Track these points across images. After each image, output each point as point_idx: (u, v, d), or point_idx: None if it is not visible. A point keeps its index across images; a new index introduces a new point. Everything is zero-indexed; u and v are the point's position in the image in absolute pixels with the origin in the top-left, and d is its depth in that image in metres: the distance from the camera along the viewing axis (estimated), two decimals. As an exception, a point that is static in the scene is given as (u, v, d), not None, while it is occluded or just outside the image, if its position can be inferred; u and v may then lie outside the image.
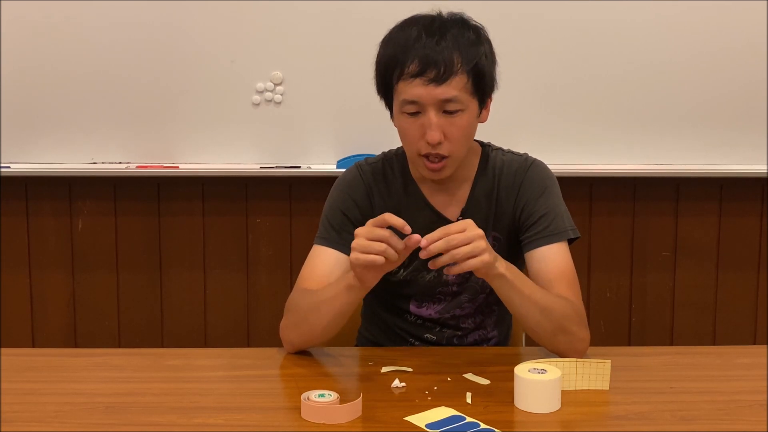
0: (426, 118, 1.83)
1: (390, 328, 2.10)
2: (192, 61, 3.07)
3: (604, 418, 1.62)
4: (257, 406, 1.66)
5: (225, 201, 3.23)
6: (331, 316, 1.83)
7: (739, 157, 3.13)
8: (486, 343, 2.10)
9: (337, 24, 3.05)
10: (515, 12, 3.02)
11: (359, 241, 1.71)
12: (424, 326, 2.06)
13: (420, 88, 1.81)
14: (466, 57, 1.82)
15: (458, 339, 2.07)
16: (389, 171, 2.01)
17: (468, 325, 2.06)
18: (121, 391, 1.72)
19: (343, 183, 2.02)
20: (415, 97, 1.82)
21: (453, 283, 2.02)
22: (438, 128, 1.83)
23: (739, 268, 3.29)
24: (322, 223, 1.99)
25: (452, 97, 1.82)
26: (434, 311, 2.05)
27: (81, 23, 3.04)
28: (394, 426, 1.57)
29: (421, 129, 1.84)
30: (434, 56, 1.80)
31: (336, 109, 3.11)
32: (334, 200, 2.00)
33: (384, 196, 1.99)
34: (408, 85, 1.82)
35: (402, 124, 1.89)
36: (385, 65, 1.87)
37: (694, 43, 3.06)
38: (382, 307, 2.11)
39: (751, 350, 2.01)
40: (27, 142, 3.11)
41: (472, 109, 1.86)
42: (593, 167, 3.12)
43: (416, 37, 1.82)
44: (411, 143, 1.88)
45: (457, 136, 1.85)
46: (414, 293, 2.04)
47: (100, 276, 3.27)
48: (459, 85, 1.82)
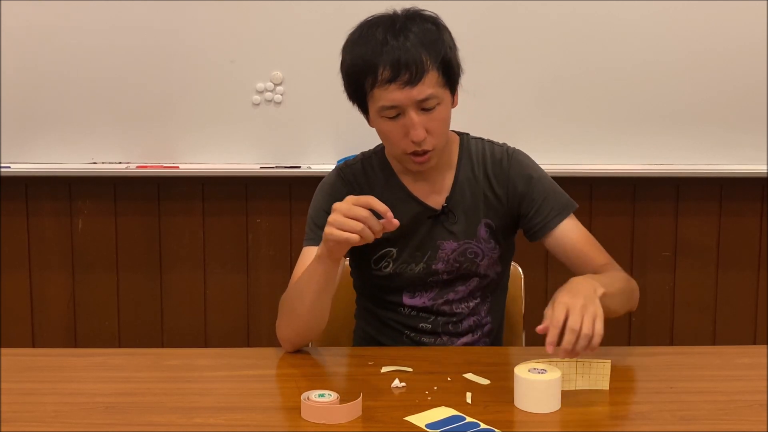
0: (407, 118, 1.88)
1: (384, 324, 2.11)
2: (192, 61, 3.07)
3: (604, 418, 1.62)
4: (257, 406, 1.66)
5: (225, 201, 3.23)
6: (312, 295, 1.85)
7: (739, 157, 3.13)
8: (480, 329, 2.11)
9: (338, 24, 3.02)
10: (515, 11, 3.02)
11: (336, 216, 1.74)
12: (418, 317, 2.08)
13: (397, 93, 1.85)
14: (433, 53, 1.86)
15: (453, 325, 2.08)
16: (369, 169, 2.06)
17: (462, 310, 2.08)
18: (121, 391, 1.72)
19: (325, 186, 2.06)
20: (394, 102, 1.87)
21: (443, 271, 2.04)
22: (420, 126, 1.88)
23: (739, 268, 3.29)
24: (308, 225, 2.04)
25: (428, 95, 1.87)
26: (428, 299, 2.07)
27: (81, 23, 3.03)
28: (394, 426, 1.57)
29: (404, 129, 1.89)
30: (404, 58, 1.84)
31: (336, 109, 3.09)
32: (317, 202, 2.05)
33: (365, 189, 2.02)
34: (384, 91, 1.86)
35: (383, 128, 1.93)
36: (356, 73, 1.90)
37: (695, 43, 3.06)
38: (375, 304, 2.12)
39: (751, 350, 2.01)
40: (27, 142, 3.11)
41: (446, 101, 1.92)
42: (593, 167, 3.12)
43: (382, 41, 1.86)
44: (395, 144, 1.93)
45: (438, 129, 1.91)
46: (405, 285, 2.06)
47: (100, 276, 3.27)
48: (432, 81, 1.87)
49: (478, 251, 2.04)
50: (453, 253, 2.03)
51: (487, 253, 2.04)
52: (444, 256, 2.03)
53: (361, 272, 2.11)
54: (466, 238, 2.03)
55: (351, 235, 1.72)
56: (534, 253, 3.18)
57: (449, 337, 2.08)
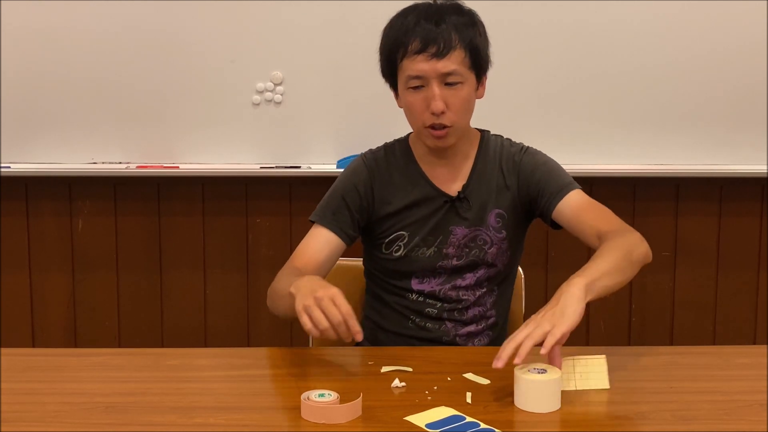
0: (429, 90, 1.97)
1: (391, 308, 2.15)
2: (192, 61, 3.07)
3: (604, 418, 1.62)
4: (257, 406, 1.66)
5: (225, 201, 3.23)
6: (285, 310, 1.90)
7: (739, 157, 3.13)
8: (485, 321, 2.14)
9: (337, 24, 3.05)
10: (516, 11, 3.02)
11: (315, 306, 1.71)
12: (425, 303, 2.13)
13: (423, 64, 1.96)
14: (463, 35, 1.98)
15: (458, 312, 2.12)
16: (391, 155, 2.14)
17: (468, 297, 2.12)
18: (121, 391, 1.72)
19: (348, 170, 2.14)
20: (419, 71, 1.96)
21: (453, 256, 2.10)
22: (441, 99, 1.97)
23: (739, 268, 3.29)
24: (323, 202, 2.12)
25: (452, 71, 1.96)
26: (436, 284, 2.12)
27: (81, 23, 3.03)
28: (394, 426, 1.57)
29: (426, 101, 1.98)
30: (434, 35, 1.96)
31: (336, 109, 3.11)
32: (338, 185, 2.13)
33: (385, 175, 2.11)
34: (412, 61, 1.97)
35: (408, 99, 2.01)
36: (389, 48, 2.01)
37: (695, 43, 3.06)
38: (382, 289, 2.17)
39: (751, 350, 2.01)
40: (27, 142, 3.11)
41: (470, 83, 2.01)
42: (593, 167, 3.12)
43: (416, 22, 1.98)
44: (417, 116, 2.01)
45: (458, 107, 1.99)
46: (415, 270, 2.12)
47: (100, 276, 3.27)
48: (458, 59, 1.97)
49: (487, 239, 2.09)
50: (464, 238, 2.09)
51: (495, 242, 2.10)
52: (455, 241, 2.09)
53: (371, 256, 2.17)
54: (476, 225, 2.09)
55: (311, 328, 1.70)
56: (534, 253, 3.19)
57: (454, 324, 2.12)
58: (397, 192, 2.10)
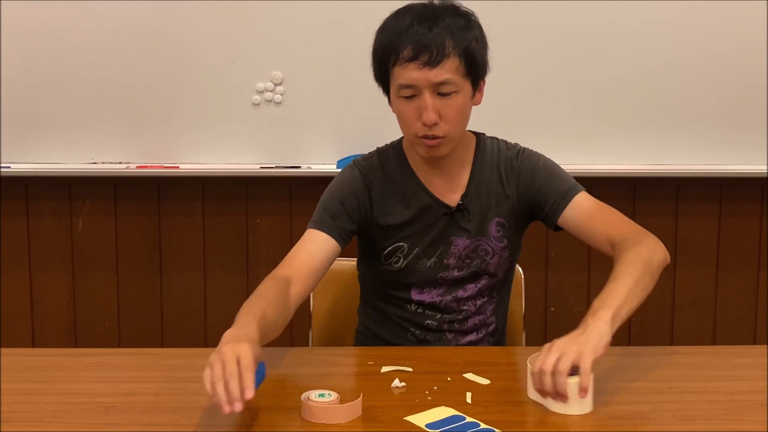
0: (422, 100, 1.89)
1: (389, 320, 2.11)
2: (192, 61, 3.07)
3: (604, 418, 1.62)
4: (257, 406, 1.66)
5: (225, 201, 3.23)
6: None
7: (739, 157, 3.13)
8: (485, 328, 2.11)
9: (337, 24, 3.05)
10: (516, 11, 3.02)
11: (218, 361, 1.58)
12: (424, 314, 2.08)
13: (415, 72, 1.87)
14: (458, 41, 1.88)
15: (459, 323, 2.08)
16: (386, 161, 2.06)
17: (469, 307, 2.08)
18: (121, 391, 1.72)
19: (342, 177, 2.07)
20: (411, 80, 1.88)
21: (454, 267, 2.04)
22: (433, 109, 1.88)
23: (739, 268, 3.29)
24: (319, 209, 2.03)
25: (446, 80, 1.88)
26: (436, 295, 2.07)
27: (81, 23, 3.04)
28: (394, 426, 1.57)
29: (417, 111, 1.90)
30: (427, 41, 1.86)
31: (336, 109, 3.11)
32: (334, 189, 2.05)
33: (382, 184, 2.04)
34: (403, 69, 1.88)
35: (399, 108, 1.94)
36: (381, 52, 1.93)
37: (694, 44, 3.06)
38: (381, 300, 2.12)
39: (751, 350, 2.01)
40: (27, 142, 3.11)
41: (465, 91, 1.92)
42: (593, 167, 3.12)
43: (409, 24, 1.89)
44: (408, 125, 1.94)
45: (452, 117, 1.91)
46: (415, 281, 2.06)
47: (100, 276, 3.27)
48: (452, 67, 1.88)
49: (489, 249, 2.04)
50: (465, 249, 2.04)
51: (497, 252, 2.05)
52: (456, 252, 2.04)
53: (369, 265, 2.12)
54: (478, 236, 2.04)
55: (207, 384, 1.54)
56: (534, 254, 3.19)
57: (454, 335, 2.08)
58: (395, 203, 2.03)
